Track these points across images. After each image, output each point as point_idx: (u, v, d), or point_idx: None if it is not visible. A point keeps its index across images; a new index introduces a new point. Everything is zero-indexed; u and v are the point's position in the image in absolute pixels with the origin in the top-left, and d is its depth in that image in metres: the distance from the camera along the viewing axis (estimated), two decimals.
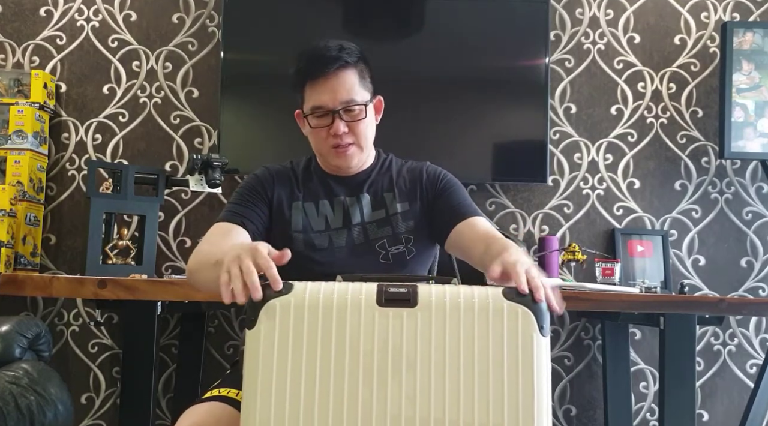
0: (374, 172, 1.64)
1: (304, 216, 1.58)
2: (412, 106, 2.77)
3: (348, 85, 1.52)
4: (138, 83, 2.90)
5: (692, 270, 2.88)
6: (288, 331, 1.10)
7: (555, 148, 2.91)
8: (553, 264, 2.70)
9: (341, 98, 1.51)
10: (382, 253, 1.56)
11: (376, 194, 1.61)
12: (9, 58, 2.89)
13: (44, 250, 2.81)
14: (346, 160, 1.57)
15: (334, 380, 1.09)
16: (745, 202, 2.91)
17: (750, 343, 2.87)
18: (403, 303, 1.11)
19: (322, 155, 1.60)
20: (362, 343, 1.10)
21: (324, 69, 1.50)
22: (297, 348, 1.09)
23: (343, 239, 1.56)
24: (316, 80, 1.51)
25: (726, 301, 2.21)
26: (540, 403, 1.08)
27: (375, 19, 2.85)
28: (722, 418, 2.85)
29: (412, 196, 1.62)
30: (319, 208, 1.59)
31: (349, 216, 1.59)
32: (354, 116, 1.53)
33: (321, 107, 1.52)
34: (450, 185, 1.63)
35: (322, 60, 1.51)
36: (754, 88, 2.72)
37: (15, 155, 2.66)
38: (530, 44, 2.83)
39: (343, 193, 1.61)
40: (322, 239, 1.56)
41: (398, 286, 1.13)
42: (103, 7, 2.92)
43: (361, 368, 1.09)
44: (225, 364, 2.79)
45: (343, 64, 1.51)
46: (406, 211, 1.60)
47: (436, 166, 1.67)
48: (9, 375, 2.05)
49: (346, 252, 1.55)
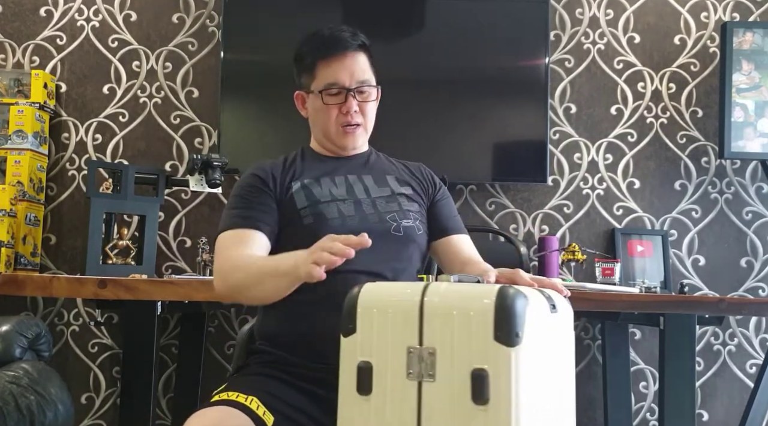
0: (371, 159, 1.67)
1: (308, 192, 1.56)
2: (413, 106, 2.77)
3: (363, 66, 1.57)
4: (138, 83, 2.90)
5: (692, 270, 2.88)
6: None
7: (555, 148, 2.91)
8: (553, 264, 2.70)
9: (357, 77, 1.55)
10: (393, 224, 1.54)
11: (378, 174, 1.63)
12: (9, 58, 2.89)
13: (44, 250, 2.81)
14: (352, 140, 1.59)
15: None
16: (745, 202, 2.91)
17: (750, 343, 2.87)
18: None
19: (328, 134, 1.60)
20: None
21: (342, 48, 1.55)
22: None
23: (352, 209, 1.54)
24: (333, 58, 1.54)
25: (726, 301, 2.21)
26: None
27: (375, 19, 2.85)
28: (722, 418, 2.85)
29: (413, 183, 1.65)
30: (321, 183, 1.58)
31: (353, 190, 1.58)
32: (366, 97, 1.58)
33: (336, 84, 1.54)
34: (446, 194, 1.70)
35: (340, 39, 1.55)
36: (754, 88, 2.72)
37: (15, 155, 2.66)
38: (530, 44, 2.83)
39: (344, 171, 1.61)
40: (330, 209, 1.53)
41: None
42: (103, 7, 2.92)
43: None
44: (225, 364, 2.79)
45: (360, 44, 1.57)
46: (409, 194, 1.62)
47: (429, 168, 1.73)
48: (9, 375, 2.05)
49: (358, 220, 1.53)
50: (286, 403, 1.38)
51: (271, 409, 1.34)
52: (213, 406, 1.32)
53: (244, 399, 1.33)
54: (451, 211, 1.68)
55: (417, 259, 1.58)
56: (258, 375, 1.46)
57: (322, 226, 1.50)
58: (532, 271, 2.72)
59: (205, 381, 2.69)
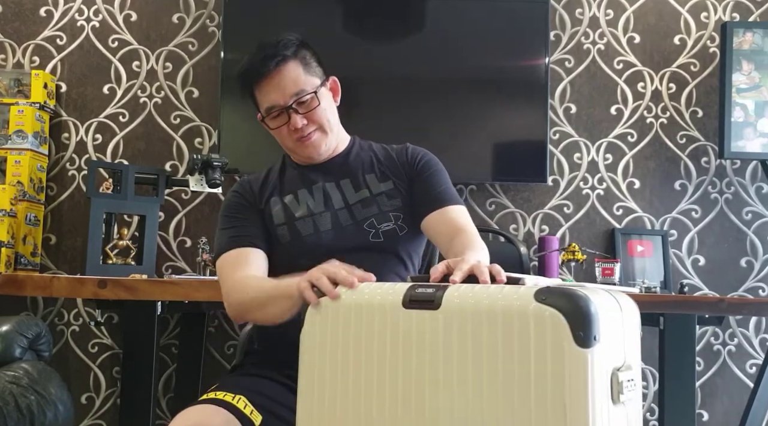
0: (350, 156, 1.62)
1: (284, 207, 1.56)
2: (412, 106, 2.77)
3: (293, 78, 1.50)
4: (138, 83, 2.90)
5: (692, 270, 2.88)
6: (326, 330, 1.10)
7: (555, 148, 2.91)
8: (553, 264, 2.70)
9: (290, 92, 1.50)
10: (371, 231, 1.53)
11: (356, 177, 1.59)
12: (9, 58, 2.89)
13: (44, 250, 2.81)
14: (313, 148, 1.55)
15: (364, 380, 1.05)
16: (745, 202, 2.91)
17: (750, 343, 2.87)
18: (427, 304, 1.01)
19: (291, 150, 1.59)
20: (388, 345, 1.04)
21: (264, 69, 1.49)
22: (334, 344, 1.09)
23: (329, 222, 1.53)
24: (263, 81, 1.51)
25: (726, 301, 2.21)
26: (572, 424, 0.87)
27: (375, 19, 2.85)
28: (722, 418, 2.85)
29: (394, 174, 1.60)
30: (298, 197, 1.57)
31: (331, 200, 1.56)
32: (308, 106, 1.52)
33: (274, 107, 1.51)
34: (429, 167, 1.59)
35: (261, 60, 1.50)
36: (754, 88, 2.72)
37: (15, 155, 2.66)
38: (530, 44, 2.83)
39: (321, 179, 1.59)
40: (306, 225, 1.53)
41: (427, 286, 1.04)
42: (103, 7, 2.92)
43: (388, 373, 1.03)
44: (225, 364, 2.79)
45: (281, 58, 1.49)
46: (390, 189, 1.58)
47: (417, 147, 1.64)
48: (9, 375, 2.05)
49: (333, 234, 1.52)
50: (277, 402, 1.38)
51: (259, 408, 1.34)
52: (198, 405, 1.33)
53: (231, 398, 1.33)
54: (436, 185, 1.58)
55: (403, 263, 1.55)
56: (251, 375, 1.47)
57: (298, 244, 1.51)
58: (532, 272, 2.72)
59: (205, 381, 2.69)
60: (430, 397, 0.98)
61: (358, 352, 1.06)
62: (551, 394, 0.88)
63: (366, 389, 1.04)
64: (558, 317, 0.88)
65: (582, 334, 0.87)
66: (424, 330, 1.00)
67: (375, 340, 1.04)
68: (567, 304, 0.89)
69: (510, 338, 0.92)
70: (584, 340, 0.87)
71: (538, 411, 0.89)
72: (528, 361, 0.90)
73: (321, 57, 1.58)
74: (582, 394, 0.87)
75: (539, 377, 0.89)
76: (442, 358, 0.98)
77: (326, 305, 1.11)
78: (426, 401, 0.98)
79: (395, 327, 1.03)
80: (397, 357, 1.02)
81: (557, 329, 0.88)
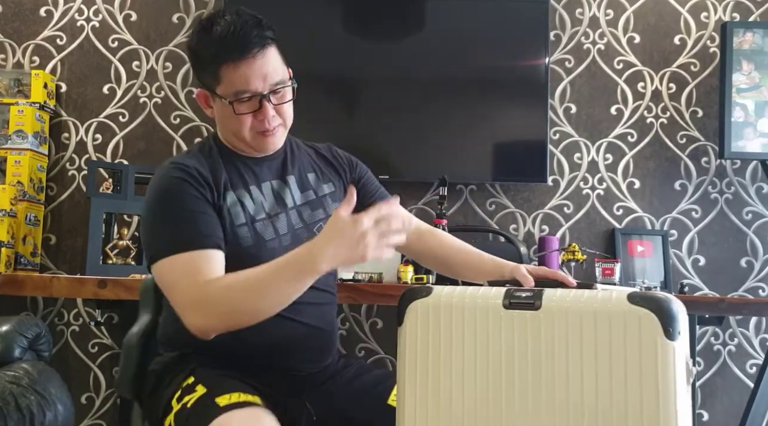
0: (289, 152, 1.55)
1: (242, 206, 1.41)
2: (413, 106, 2.77)
3: (275, 66, 1.38)
4: (138, 83, 2.90)
5: (692, 270, 2.88)
6: (428, 328, 1.20)
7: (555, 148, 2.91)
8: (553, 264, 2.70)
9: (271, 80, 1.37)
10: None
11: (301, 175, 1.53)
12: (9, 58, 2.89)
13: (44, 250, 2.81)
14: (273, 143, 1.45)
15: (465, 375, 1.17)
16: (745, 202, 2.91)
17: (750, 343, 2.87)
18: (528, 306, 1.14)
19: (243, 140, 1.43)
20: (489, 343, 1.16)
21: (248, 50, 1.34)
22: (435, 343, 1.19)
23: (285, 224, 1.45)
24: (240, 62, 1.34)
25: (726, 301, 2.21)
26: (667, 411, 1.04)
27: (375, 19, 2.85)
28: (722, 418, 2.85)
29: (334, 177, 1.57)
30: (252, 195, 1.44)
31: (282, 199, 1.48)
32: (281, 98, 1.41)
33: (247, 91, 1.36)
34: (364, 170, 1.63)
35: (247, 38, 1.34)
36: (754, 88, 2.72)
37: (15, 155, 2.66)
38: (530, 44, 2.83)
39: (269, 176, 1.48)
40: (266, 228, 1.42)
41: (522, 290, 1.18)
42: (103, 7, 2.92)
43: (489, 368, 1.15)
44: None
45: (267, 42, 1.37)
46: (333, 192, 1.55)
47: (339, 149, 1.65)
48: (9, 375, 2.05)
49: (290, 238, 1.44)
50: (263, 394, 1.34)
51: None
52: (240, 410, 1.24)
53: (252, 398, 1.28)
54: (376, 187, 1.61)
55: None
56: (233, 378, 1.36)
57: (262, 249, 1.39)
58: None
59: None
60: (533, 391, 1.12)
61: (460, 350, 1.17)
62: (645, 381, 1.05)
63: (469, 385, 1.16)
64: (651, 316, 1.06)
65: (671, 329, 1.05)
66: (526, 329, 1.14)
67: (477, 338, 1.16)
68: (657, 305, 1.07)
69: (607, 335, 1.09)
70: (672, 335, 1.05)
71: (632, 396, 1.06)
72: (623, 354, 1.07)
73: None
74: (672, 378, 1.05)
75: (633, 367, 1.06)
76: (544, 354, 1.12)
77: (426, 304, 1.20)
78: (529, 395, 1.12)
79: (497, 327, 1.16)
80: (500, 354, 1.15)
81: (650, 326, 1.06)
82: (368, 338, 2.83)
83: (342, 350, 2.81)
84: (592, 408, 1.08)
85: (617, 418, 1.06)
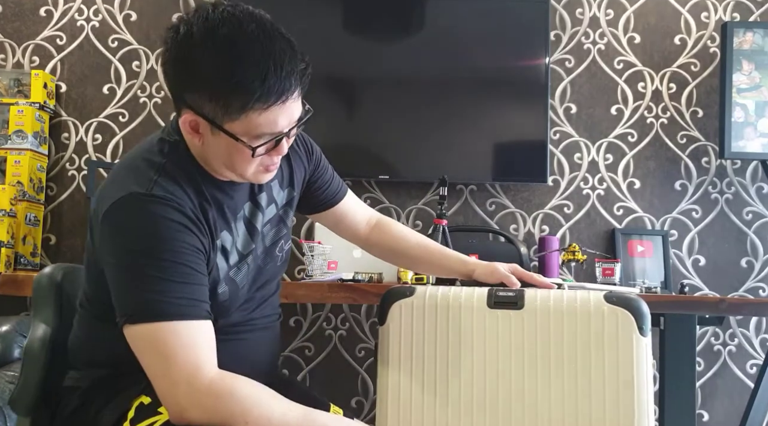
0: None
1: (224, 253, 1.23)
2: (413, 107, 2.77)
3: (298, 103, 1.18)
4: (138, 83, 2.90)
5: (692, 270, 2.88)
6: (411, 328, 1.24)
7: (555, 148, 2.90)
8: (553, 264, 2.70)
9: (294, 119, 1.18)
10: (280, 255, 1.37)
11: (270, 188, 1.35)
12: (9, 58, 2.89)
13: (44, 250, 2.81)
14: (272, 175, 1.26)
15: (450, 373, 1.22)
16: (746, 202, 2.91)
17: (750, 343, 2.87)
18: (511, 306, 1.21)
19: (241, 175, 1.21)
20: (474, 342, 1.21)
21: (286, 94, 1.13)
22: (419, 343, 1.24)
23: (253, 257, 1.29)
24: (275, 106, 1.13)
25: (726, 301, 2.21)
26: (640, 400, 1.15)
27: (375, 19, 2.85)
28: (722, 418, 2.85)
29: (296, 175, 1.40)
30: (232, 234, 1.25)
31: (254, 226, 1.29)
32: (295, 132, 1.22)
33: (272, 134, 1.16)
34: (319, 155, 1.47)
35: (287, 82, 1.13)
36: (754, 88, 2.72)
37: (15, 155, 2.66)
38: (530, 44, 2.83)
39: (242, 200, 1.28)
40: (239, 272, 1.26)
41: (506, 290, 1.25)
42: (103, 7, 2.92)
43: (474, 366, 1.21)
44: None
45: (299, 84, 1.17)
46: (291, 198, 1.39)
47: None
48: (9, 375, 2.05)
49: (255, 270, 1.30)
50: None
51: None
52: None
53: None
54: (331, 175, 1.49)
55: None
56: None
57: (233, 298, 1.23)
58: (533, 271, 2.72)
59: None
60: (516, 386, 1.19)
61: (444, 348, 1.22)
62: (622, 373, 1.16)
63: (453, 380, 1.21)
64: (627, 315, 1.17)
65: (644, 327, 1.17)
66: (509, 327, 1.20)
67: (461, 337, 1.22)
68: (632, 305, 1.18)
69: (587, 332, 1.18)
70: (644, 331, 1.17)
71: (610, 387, 1.16)
72: (602, 349, 1.17)
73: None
74: (644, 370, 1.16)
75: (611, 361, 1.16)
76: (526, 350, 1.19)
77: (409, 304, 1.24)
78: (512, 390, 1.19)
79: (481, 325, 1.21)
80: (483, 353, 1.20)
81: (626, 324, 1.17)
82: (368, 338, 2.83)
83: (342, 351, 2.81)
84: (573, 399, 1.17)
85: (596, 407, 1.16)
